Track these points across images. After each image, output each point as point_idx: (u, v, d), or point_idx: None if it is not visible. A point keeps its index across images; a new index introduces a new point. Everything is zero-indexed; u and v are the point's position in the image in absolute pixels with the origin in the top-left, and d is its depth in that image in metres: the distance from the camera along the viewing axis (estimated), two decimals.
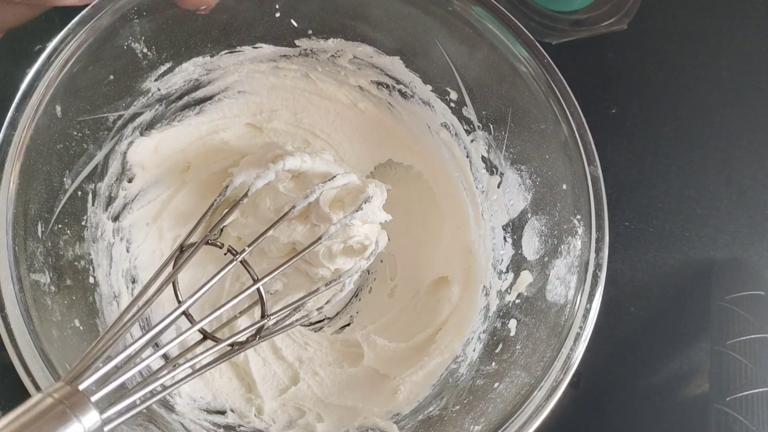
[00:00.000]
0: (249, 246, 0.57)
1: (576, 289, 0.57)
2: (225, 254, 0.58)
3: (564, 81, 0.60)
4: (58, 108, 0.56)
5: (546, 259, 0.62)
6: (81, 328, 0.57)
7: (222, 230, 0.74)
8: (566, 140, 0.59)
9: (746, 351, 0.72)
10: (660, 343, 0.83)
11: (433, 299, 0.72)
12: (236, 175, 0.66)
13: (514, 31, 0.61)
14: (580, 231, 0.58)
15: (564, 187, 0.60)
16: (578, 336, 0.55)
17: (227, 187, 0.65)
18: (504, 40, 0.61)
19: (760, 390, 0.69)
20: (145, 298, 0.50)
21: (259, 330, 0.56)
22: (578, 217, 0.59)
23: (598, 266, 0.56)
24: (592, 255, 0.57)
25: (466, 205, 0.72)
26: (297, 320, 0.62)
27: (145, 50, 0.62)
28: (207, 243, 0.58)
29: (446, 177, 0.73)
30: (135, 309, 0.49)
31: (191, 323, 0.53)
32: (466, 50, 0.65)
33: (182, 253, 0.57)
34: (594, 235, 0.57)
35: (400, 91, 0.72)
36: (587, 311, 0.55)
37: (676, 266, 0.84)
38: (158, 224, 0.70)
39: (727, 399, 0.70)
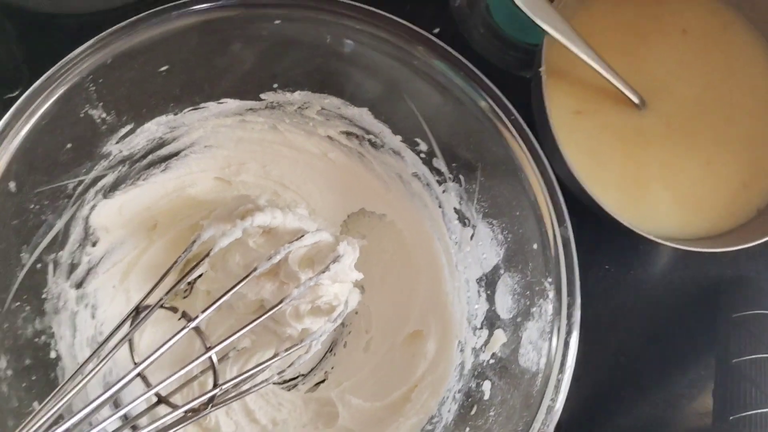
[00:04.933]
0: (203, 312, 0.56)
1: (548, 357, 0.55)
2: (179, 320, 0.58)
3: (533, 138, 0.59)
4: (12, 184, 0.55)
5: (519, 319, 0.61)
6: None
7: (192, 284, 0.73)
8: (535, 200, 0.58)
9: (752, 370, 0.71)
10: (664, 360, 0.82)
11: (408, 353, 0.70)
12: (204, 229, 0.65)
13: (480, 86, 0.60)
14: (551, 295, 0.57)
15: (535, 246, 0.59)
16: (550, 409, 0.53)
17: (194, 242, 0.64)
18: (469, 96, 0.60)
19: (765, 410, 0.68)
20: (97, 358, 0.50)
21: (211, 399, 0.55)
22: (549, 280, 0.57)
23: (569, 334, 0.55)
24: (563, 323, 0.55)
25: (440, 255, 0.71)
26: (256, 386, 0.61)
27: (103, 115, 0.60)
28: (161, 307, 0.57)
29: (419, 226, 0.72)
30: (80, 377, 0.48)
31: (147, 387, 0.52)
32: (434, 104, 0.63)
33: (138, 314, 0.57)
34: (565, 301, 0.56)
35: (370, 141, 0.70)
36: (559, 382, 0.54)
37: (682, 283, 0.82)
38: (125, 286, 0.69)
39: (731, 418, 0.69)
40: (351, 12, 0.59)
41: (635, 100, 0.68)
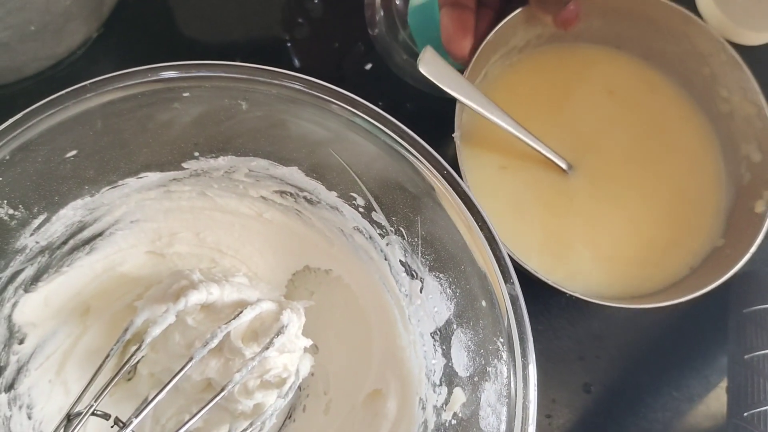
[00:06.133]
0: (136, 416, 0.53)
1: (507, 424, 0.52)
2: (112, 427, 0.55)
3: (468, 191, 0.55)
4: None
5: (476, 379, 0.58)
6: None
7: (136, 367, 0.69)
8: (477, 257, 0.55)
9: (765, 366, 0.71)
10: (676, 355, 0.81)
11: (370, 414, 0.67)
12: (137, 314, 0.62)
13: (407, 141, 0.56)
14: (504, 356, 0.54)
15: (483, 303, 0.56)
16: None
17: (127, 329, 0.60)
18: (397, 151, 0.56)
19: None
20: None
21: None
22: (501, 339, 0.54)
23: (526, 399, 0.52)
24: (520, 386, 0.52)
25: (392, 308, 0.67)
26: None
27: (10, 212, 0.56)
28: (93, 414, 0.54)
29: (367, 279, 0.69)
30: None
31: None
32: (364, 159, 0.60)
33: (70, 422, 0.53)
34: (519, 362, 0.52)
35: (305, 197, 0.67)
36: None
37: None
38: (63, 378, 0.65)
39: (745, 414, 0.68)
40: (261, 76, 0.55)
41: (562, 165, 0.66)
